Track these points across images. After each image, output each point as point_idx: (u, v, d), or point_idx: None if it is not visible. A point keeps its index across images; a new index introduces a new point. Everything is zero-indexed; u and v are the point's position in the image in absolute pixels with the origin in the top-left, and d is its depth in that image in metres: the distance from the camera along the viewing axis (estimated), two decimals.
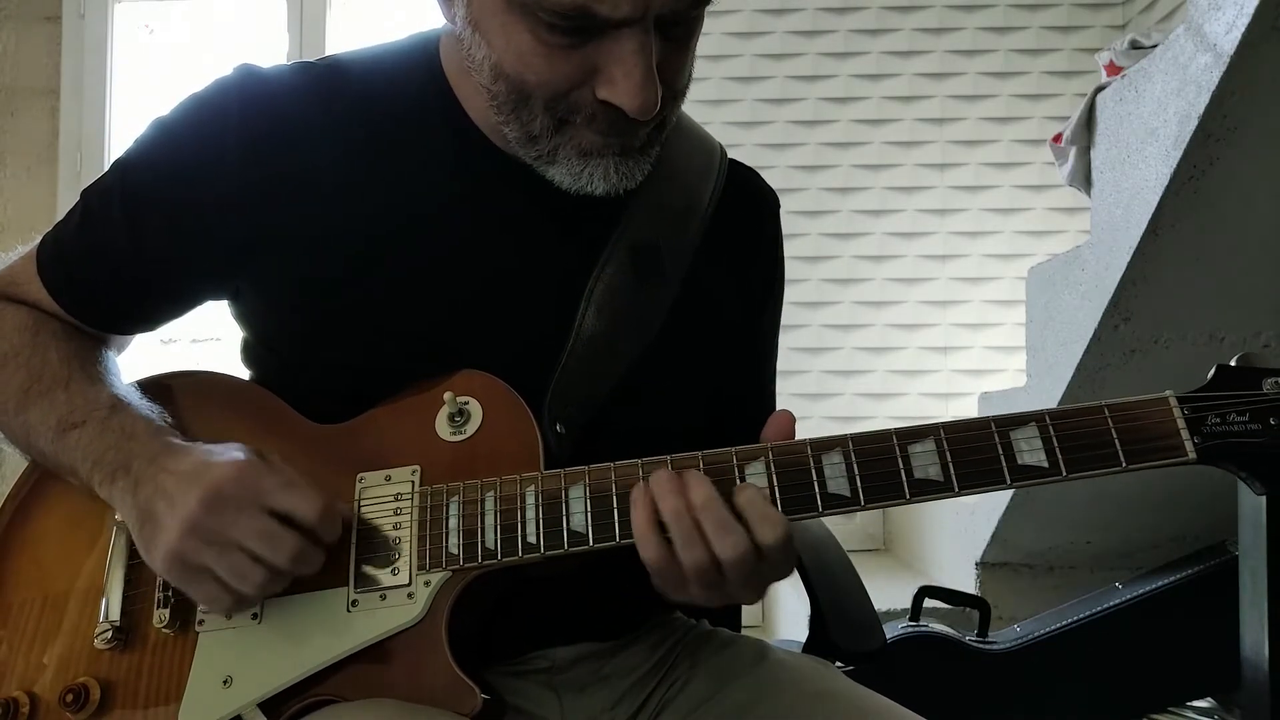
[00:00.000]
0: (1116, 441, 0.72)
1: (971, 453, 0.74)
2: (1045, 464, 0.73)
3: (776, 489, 0.74)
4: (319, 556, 0.76)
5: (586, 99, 0.76)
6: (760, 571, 0.74)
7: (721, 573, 0.73)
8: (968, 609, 1.90)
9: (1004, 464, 0.73)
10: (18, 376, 0.86)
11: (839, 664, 1.00)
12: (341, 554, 0.79)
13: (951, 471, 0.73)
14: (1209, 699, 1.94)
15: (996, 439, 0.74)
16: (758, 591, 0.76)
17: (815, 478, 0.74)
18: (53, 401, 0.84)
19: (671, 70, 0.78)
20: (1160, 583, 1.85)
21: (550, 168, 0.81)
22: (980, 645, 1.85)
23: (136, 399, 0.85)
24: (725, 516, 0.72)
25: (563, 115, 0.78)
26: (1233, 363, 0.74)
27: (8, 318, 0.90)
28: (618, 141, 0.79)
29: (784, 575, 0.77)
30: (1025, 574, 2.22)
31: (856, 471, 0.74)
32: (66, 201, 3.13)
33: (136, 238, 0.86)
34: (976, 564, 2.21)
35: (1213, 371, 0.74)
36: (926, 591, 1.85)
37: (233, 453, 0.77)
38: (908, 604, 1.86)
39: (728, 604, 0.78)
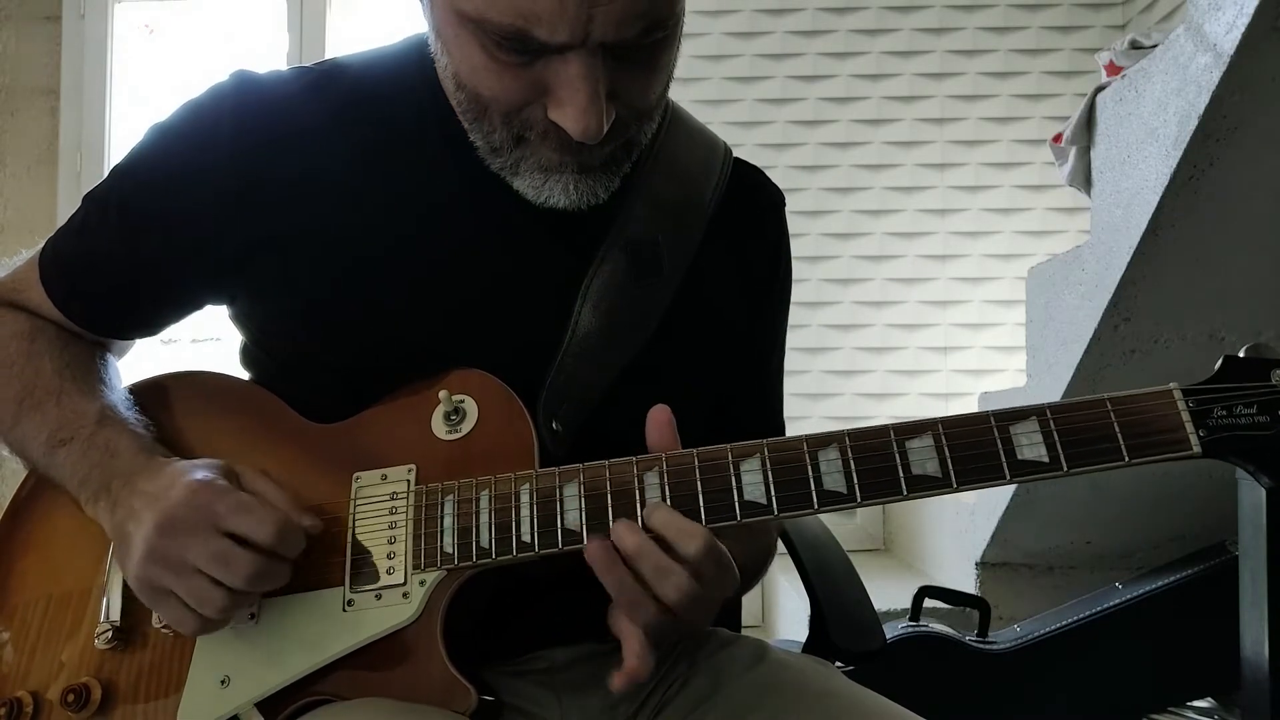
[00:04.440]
0: (1119, 435, 0.71)
1: (970, 448, 0.72)
2: (1046, 459, 0.71)
3: (772, 485, 0.74)
4: (283, 572, 0.76)
5: (539, 116, 0.76)
6: (703, 599, 0.73)
7: (675, 615, 0.72)
8: (968, 609, 1.90)
9: (1004, 459, 0.72)
10: (12, 388, 0.86)
11: (839, 664, 0.99)
12: (337, 554, 0.79)
13: (950, 467, 0.72)
14: (1209, 699, 1.94)
15: (996, 434, 0.72)
16: (711, 614, 0.76)
17: (811, 474, 0.73)
18: (44, 415, 0.84)
19: (633, 92, 0.77)
20: (1160, 583, 1.85)
21: (514, 179, 0.81)
22: (980, 645, 1.85)
23: (125, 409, 0.85)
24: (663, 562, 0.71)
25: (519, 131, 0.78)
26: (1241, 353, 0.72)
27: (6, 325, 0.90)
28: (574, 160, 0.78)
29: (729, 587, 0.75)
30: (1025, 574, 2.21)
31: (853, 468, 0.73)
32: (66, 201, 3.14)
33: (133, 244, 0.86)
34: (976, 564, 2.21)
35: (1220, 362, 0.72)
36: (926, 591, 1.85)
37: (195, 474, 0.76)
38: (908, 604, 1.86)
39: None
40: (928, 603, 1.85)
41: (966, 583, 2.23)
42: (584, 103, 0.73)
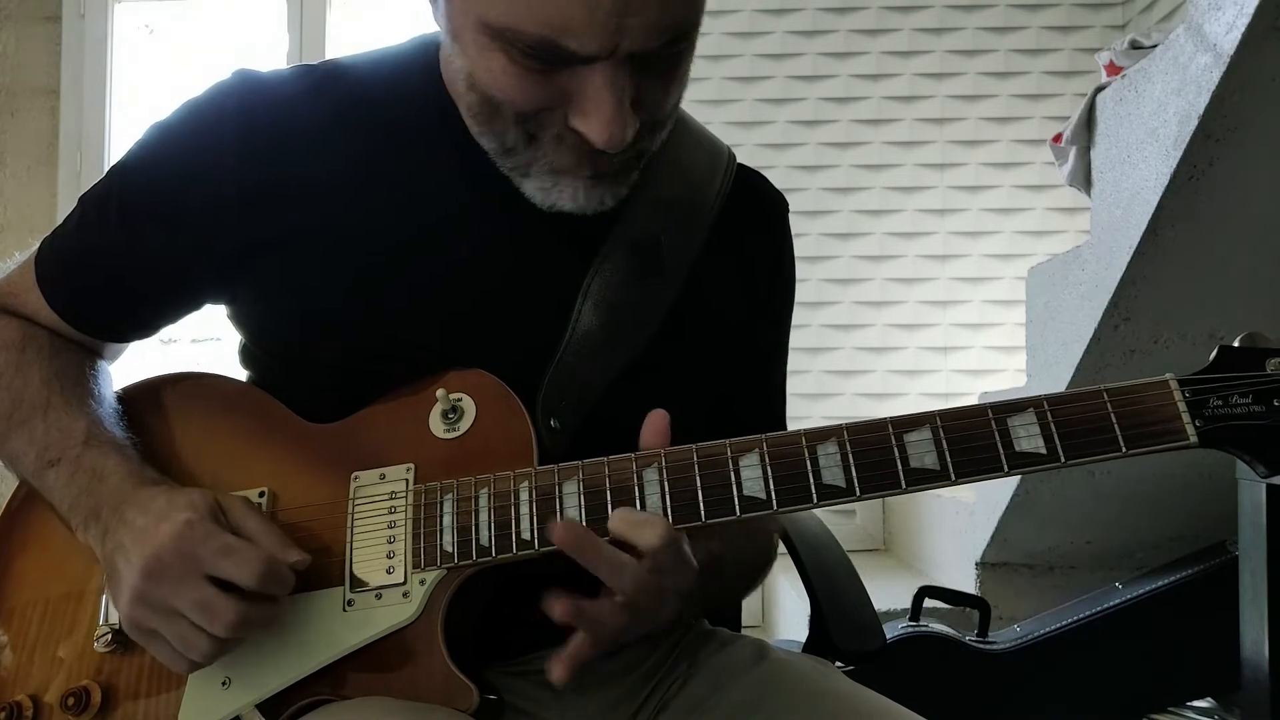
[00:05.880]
0: (1116, 426, 0.71)
1: (968, 440, 0.72)
2: (1043, 450, 0.71)
3: (771, 480, 0.73)
4: (270, 612, 0.75)
5: (557, 119, 0.76)
6: (664, 588, 0.73)
7: (637, 610, 0.72)
8: (968, 609, 1.90)
9: (1001, 451, 0.72)
10: (1, 402, 0.86)
11: (839, 664, 0.99)
12: (336, 554, 0.79)
13: (948, 460, 0.72)
14: (1209, 699, 1.94)
15: (994, 426, 0.72)
16: (669, 606, 0.75)
17: (810, 468, 0.73)
18: (31, 433, 0.83)
19: (652, 101, 0.77)
20: (1160, 583, 1.85)
21: (524, 181, 0.81)
22: (980, 645, 1.85)
23: (112, 424, 0.84)
24: (616, 557, 0.71)
25: (532, 131, 0.78)
26: (1236, 343, 0.72)
27: None
28: (589, 165, 0.78)
29: (689, 579, 0.75)
30: (1025, 574, 2.21)
31: (852, 461, 0.73)
32: (66, 201, 3.13)
33: (133, 244, 0.86)
34: (976, 564, 2.21)
35: (1215, 352, 0.72)
36: (926, 591, 1.85)
37: (181, 512, 0.74)
38: (908, 604, 1.86)
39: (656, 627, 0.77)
40: (928, 603, 1.85)
41: (966, 583, 2.23)
42: (609, 113, 0.73)
